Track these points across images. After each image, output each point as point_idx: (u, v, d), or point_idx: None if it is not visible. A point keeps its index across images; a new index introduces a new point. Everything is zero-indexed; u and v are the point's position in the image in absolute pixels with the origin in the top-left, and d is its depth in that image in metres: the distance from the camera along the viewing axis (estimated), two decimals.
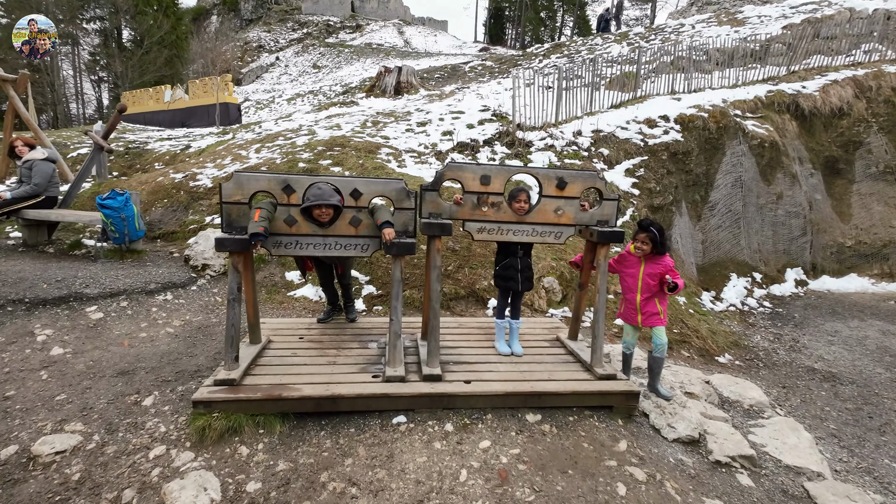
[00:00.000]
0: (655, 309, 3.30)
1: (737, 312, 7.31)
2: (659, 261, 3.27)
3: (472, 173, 3.25)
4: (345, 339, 3.80)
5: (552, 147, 8.71)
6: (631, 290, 3.36)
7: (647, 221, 3.27)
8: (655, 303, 3.30)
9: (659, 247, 3.24)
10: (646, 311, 3.31)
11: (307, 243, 3.16)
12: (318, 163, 7.55)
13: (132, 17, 37.07)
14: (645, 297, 3.30)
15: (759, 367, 5.22)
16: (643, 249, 3.27)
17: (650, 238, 3.23)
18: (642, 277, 3.28)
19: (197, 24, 50.32)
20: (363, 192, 3.15)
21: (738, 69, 12.29)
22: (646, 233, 3.23)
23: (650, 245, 3.24)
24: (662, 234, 3.25)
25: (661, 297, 3.32)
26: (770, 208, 9.42)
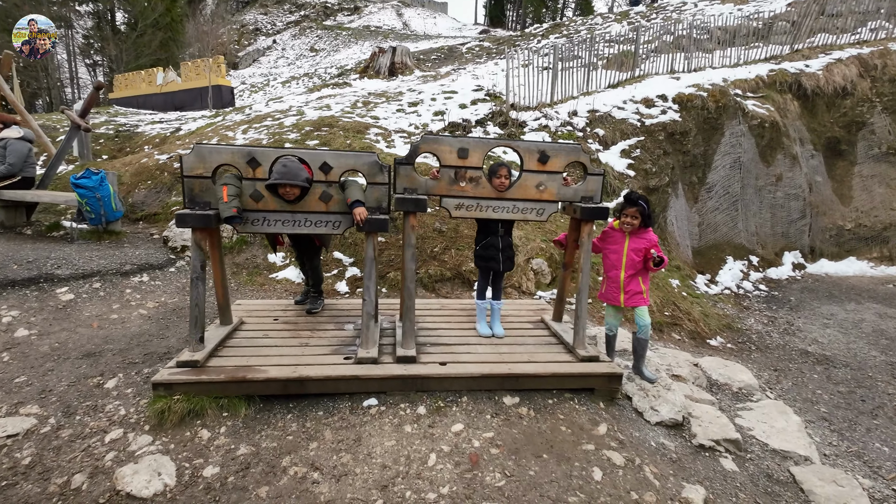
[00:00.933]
0: (639, 287, 3.16)
1: (732, 296, 7.19)
2: (643, 235, 3.13)
3: (448, 146, 3.08)
4: (321, 321, 3.68)
5: (546, 127, 8.49)
6: (614, 268, 3.22)
7: (635, 195, 3.11)
8: (639, 281, 3.16)
9: (647, 220, 3.10)
10: (629, 290, 3.17)
11: (275, 220, 3.02)
12: (304, 143, 7.35)
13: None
14: (629, 274, 3.16)
15: (751, 351, 5.11)
16: (632, 224, 3.12)
17: (639, 212, 3.08)
18: (627, 253, 3.15)
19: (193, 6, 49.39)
20: (333, 166, 2.99)
21: (741, 48, 11.97)
22: (634, 206, 3.08)
23: (639, 219, 3.09)
24: (650, 207, 3.12)
25: (645, 274, 3.19)
26: (769, 190, 9.23)
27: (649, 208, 3.09)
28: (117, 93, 24.07)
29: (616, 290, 3.22)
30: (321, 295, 3.94)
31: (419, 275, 5.05)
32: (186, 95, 21.12)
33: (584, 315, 3.25)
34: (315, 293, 3.88)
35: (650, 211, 3.11)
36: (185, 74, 20.93)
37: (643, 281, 3.17)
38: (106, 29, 35.67)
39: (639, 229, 3.13)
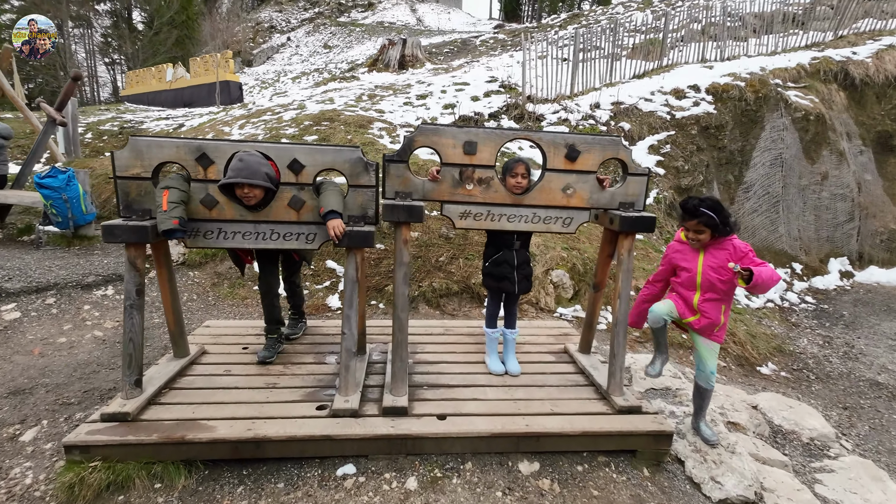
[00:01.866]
0: (717, 316, 2.37)
1: (776, 309, 6.39)
2: (723, 245, 2.33)
3: (452, 139, 2.43)
4: (299, 349, 3.06)
5: (566, 121, 7.77)
6: (687, 288, 2.44)
7: (694, 201, 2.31)
8: (720, 310, 2.38)
9: (721, 229, 2.29)
10: (707, 316, 2.38)
11: (233, 232, 2.40)
12: (302, 138, 6.77)
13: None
14: (707, 297, 2.37)
15: (810, 381, 4.35)
16: (698, 240, 2.36)
17: (705, 223, 2.28)
18: (702, 272, 2.36)
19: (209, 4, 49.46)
20: (305, 165, 2.37)
21: (778, 35, 11.02)
22: (695, 218, 2.29)
23: (707, 231, 2.31)
24: (721, 212, 2.28)
25: (728, 302, 2.41)
26: (813, 190, 8.35)
27: (721, 214, 2.28)
28: (128, 90, 23.97)
29: (690, 309, 2.44)
30: (302, 317, 3.32)
31: (421, 288, 4.42)
32: (195, 91, 20.81)
33: (623, 353, 2.58)
34: (295, 315, 3.25)
35: (724, 217, 2.28)
36: (194, 70, 20.63)
37: (725, 312, 2.40)
38: (123, 27, 35.90)
39: (715, 240, 2.37)
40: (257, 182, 2.26)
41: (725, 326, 2.43)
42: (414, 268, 4.56)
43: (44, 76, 32.67)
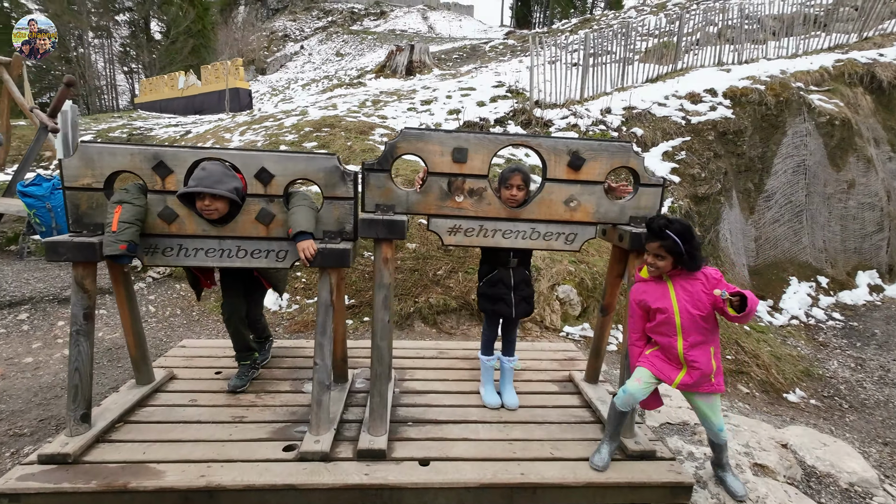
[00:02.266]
0: (709, 365, 1.98)
1: (801, 327, 5.97)
2: (694, 275, 1.99)
3: (439, 145, 2.16)
4: (276, 375, 2.80)
5: (575, 126, 7.47)
6: (666, 334, 2.02)
7: (662, 221, 1.94)
8: (710, 353, 1.99)
9: (685, 261, 1.93)
10: (694, 364, 1.97)
11: (195, 248, 2.16)
12: (302, 145, 6.58)
13: (159, 6, 37.20)
14: (693, 340, 1.96)
15: (843, 410, 3.96)
16: (658, 268, 1.99)
17: (668, 249, 1.93)
18: (679, 310, 1.97)
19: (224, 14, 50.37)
20: (275, 174, 2.11)
21: (799, 37, 10.59)
22: (658, 240, 1.94)
23: (669, 259, 1.95)
24: (691, 241, 1.91)
25: (716, 340, 2.03)
26: (839, 199, 7.89)
27: (689, 244, 1.91)
28: (142, 97, 24.29)
29: (672, 362, 2.03)
30: (267, 339, 3.03)
31: (417, 304, 4.14)
32: (206, 98, 20.95)
33: None
34: (259, 340, 2.96)
35: (693, 247, 1.92)
36: (205, 78, 20.79)
37: (716, 355, 2.01)
38: (141, 37, 36.68)
39: (678, 271, 2.00)
40: (219, 192, 2.02)
41: (721, 371, 2.04)
42: (410, 282, 4.29)
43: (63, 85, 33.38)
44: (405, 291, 4.23)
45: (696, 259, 1.94)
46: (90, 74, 33.49)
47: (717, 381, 2.02)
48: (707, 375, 1.99)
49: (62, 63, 32.16)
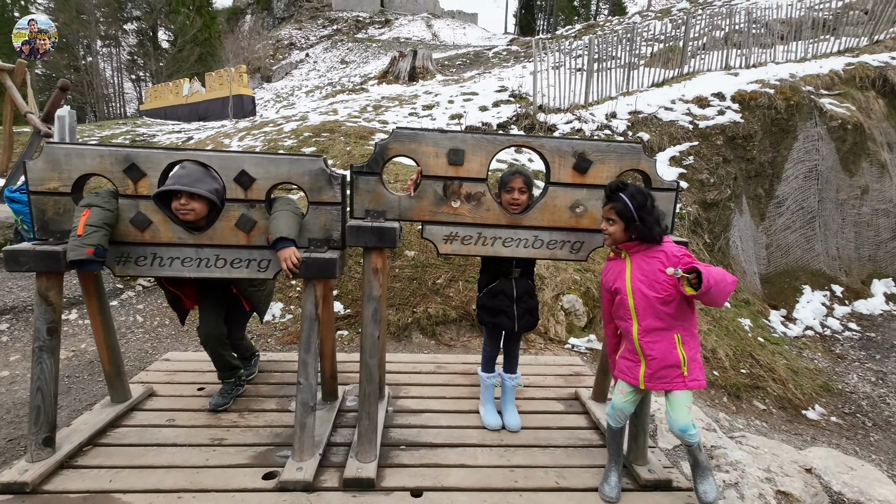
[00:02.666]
0: (672, 353, 1.74)
1: (817, 338, 5.74)
2: (653, 252, 1.77)
3: (433, 146, 2.00)
4: (262, 392, 2.63)
5: (580, 131, 7.31)
6: (623, 318, 1.84)
7: (616, 183, 1.79)
8: (674, 340, 1.75)
9: (637, 226, 1.73)
10: (652, 357, 1.76)
11: (171, 257, 2.00)
12: (300, 150, 6.46)
13: (166, 15, 37.65)
14: (647, 325, 1.75)
15: (866, 429, 3.73)
16: (609, 234, 1.81)
17: (618, 212, 1.76)
18: (632, 289, 1.78)
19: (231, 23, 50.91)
20: (256, 177, 1.96)
21: (807, 41, 10.42)
22: (609, 202, 1.78)
23: (619, 224, 1.76)
24: (643, 206, 1.73)
25: (685, 327, 1.78)
26: (852, 205, 7.66)
27: (642, 209, 1.73)
28: (147, 104, 24.42)
29: (633, 357, 1.83)
30: (254, 355, 2.85)
31: (416, 314, 3.96)
32: (210, 105, 21.01)
33: (647, 411, 2.07)
34: (244, 358, 2.78)
35: (647, 212, 1.73)
36: (209, 85, 20.86)
37: (683, 340, 1.77)
38: (148, 45, 37.10)
39: (637, 245, 1.80)
40: (197, 191, 1.87)
41: (697, 364, 1.78)
42: (408, 291, 4.11)
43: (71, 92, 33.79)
44: (403, 301, 4.06)
45: (651, 227, 1.73)
46: (98, 82, 33.86)
47: (692, 375, 1.76)
48: (672, 367, 1.75)
49: (71, 71, 32.52)
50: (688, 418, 1.77)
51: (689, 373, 1.76)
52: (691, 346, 1.79)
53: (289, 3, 59.57)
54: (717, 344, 4.15)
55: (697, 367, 1.79)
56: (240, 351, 2.67)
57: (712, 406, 3.51)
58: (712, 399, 3.63)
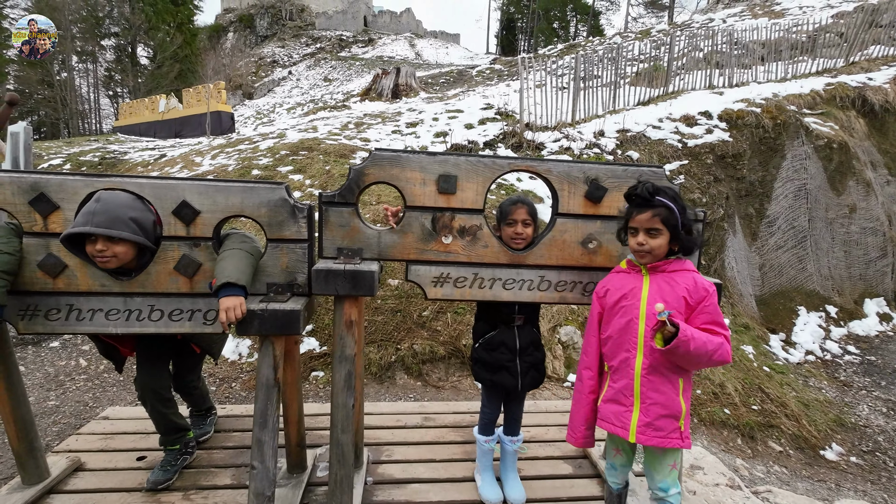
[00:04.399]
0: (676, 403, 1.46)
1: (819, 364, 5.53)
2: (680, 272, 1.50)
3: (420, 171, 1.66)
4: (216, 459, 2.20)
5: (568, 150, 7.11)
6: (623, 347, 1.51)
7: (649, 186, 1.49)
8: (677, 385, 1.47)
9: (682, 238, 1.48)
10: (653, 402, 1.46)
11: (91, 309, 1.60)
12: (275, 169, 6.07)
13: (145, 32, 37.13)
14: (655, 361, 1.45)
15: (889, 470, 3.45)
16: (650, 249, 1.48)
17: (664, 220, 1.46)
18: (647, 310, 1.47)
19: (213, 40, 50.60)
20: (201, 210, 1.59)
21: (786, 62, 10.59)
22: (650, 209, 1.47)
23: (665, 235, 1.47)
24: (684, 210, 1.50)
25: (688, 371, 1.49)
26: (841, 224, 7.60)
27: (683, 212, 1.49)
28: (122, 121, 23.73)
29: (625, 399, 1.51)
30: (210, 411, 2.44)
31: (399, 352, 3.58)
32: (187, 122, 20.47)
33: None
34: (199, 412, 2.37)
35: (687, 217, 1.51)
36: (187, 101, 20.36)
37: (684, 389, 1.48)
38: (126, 62, 36.47)
39: (671, 261, 1.51)
40: (118, 234, 1.48)
41: (689, 419, 1.52)
42: (391, 325, 3.73)
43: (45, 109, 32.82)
44: (385, 336, 3.67)
45: (693, 236, 1.54)
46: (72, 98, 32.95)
47: (687, 431, 1.50)
48: (670, 418, 1.46)
49: (45, 87, 31.60)
50: (672, 476, 1.54)
51: (685, 428, 1.50)
52: (689, 398, 1.52)
53: (272, 22, 59.69)
54: (724, 378, 3.86)
55: (688, 423, 1.53)
56: (194, 401, 2.26)
57: (728, 451, 3.20)
58: (726, 442, 3.31)
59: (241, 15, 55.55)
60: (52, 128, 34.59)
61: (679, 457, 1.56)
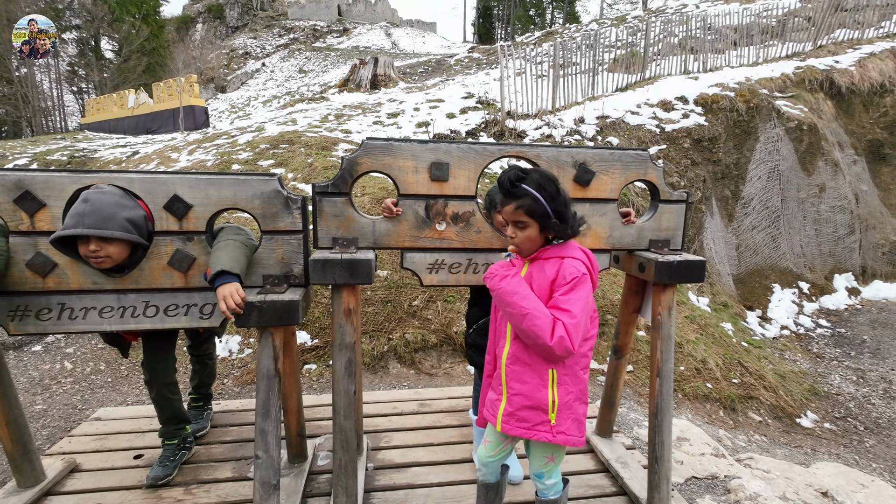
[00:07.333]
0: (541, 394, 1.38)
1: (793, 338, 5.77)
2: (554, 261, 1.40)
3: (412, 159, 1.68)
4: (215, 454, 2.21)
5: (550, 136, 7.17)
6: (499, 334, 1.53)
7: (515, 173, 1.37)
8: (546, 377, 1.38)
9: (555, 224, 1.37)
10: (515, 392, 1.42)
11: (84, 308, 1.58)
12: (256, 164, 5.98)
13: (109, 24, 35.65)
14: (517, 351, 1.42)
15: (860, 434, 3.66)
16: (520, 243, 1.42)
17: (527, 209, 1.36)
18: None
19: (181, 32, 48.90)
20: (193, 204, 1.58)
21: (757, 47, 10.83)
22: (514, 200, 1.37)
23: (534, 226, 1.38)
24: (556, 195, 1.37)
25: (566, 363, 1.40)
26: (812, 203, 7.89)
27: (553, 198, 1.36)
28: (89, 117, 22.90)
29: (497, 387, 1.49)
30: (208, 401, 2.45)
31: (392, 341, 3.61)
32: (159, 117, 19.87)
33: (669, 454, 1.81)
34: (199, 401, 2.38)
35: (559, 202, 1.37)
36: (158, 96, 19.73)
37: (559, 380, 1.39)
38: (90, 56, 35.04)
39: (550, 248, 1.43)
40: (111, 234, 1.46)
41: (572, 415, 1.41)
42: (382, 316, 3.75)
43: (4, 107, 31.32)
44: (377, 327, 3.69)
45: (568, 221, 1.38)
46: (34, 95, 31.54)
47: (561, 426, 1.39)
48: (535, 410, 1.39)
49: (3, 84, 30.15)
50: (549, 468, 1.50)
51: (558, 422, 1.39)
52: (569, 391, 1.40)
53: (242, 12, 57.96)
54: (706, 353, 4.01)
55: (572, 418, 1.41)
56: (207, 373, 2.31)
57: (711, 423, 3.34)
58: (709, 415, 3.46)
59: (210, 5, 53.74)
60: (14, 126, 33.16)
61: (557, 453, 1.49)
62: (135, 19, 36.69)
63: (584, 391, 1.45)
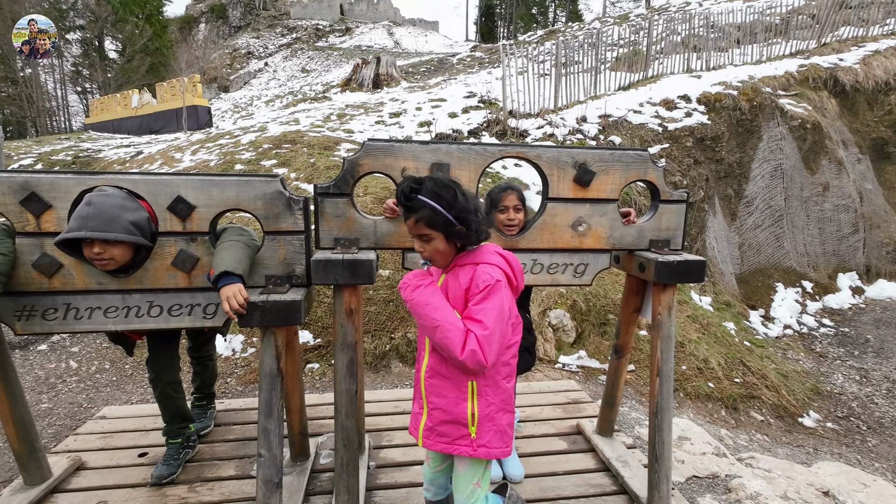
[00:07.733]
0: (460, 408, 1.33)
1: (796, 337, 5.76)
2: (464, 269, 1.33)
3: (413, 160, 1.69)
4: (219, 452, 2.23)
5: (552, 136, 7.17)
6: (420, 348, 1.45)
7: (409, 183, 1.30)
8: (465, 390, 1.33)
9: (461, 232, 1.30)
10: (434, 406, 1.36)
11: (89, 308, 1.60)
12: (259, 164, 6.00)
13: (112, 24, 35.80)
14: (435, 363, 1.36)
15: (863, 433, 3.65)
16: (431, 256, 1.35)
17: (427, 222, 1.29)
18: None
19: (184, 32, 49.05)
20: (196, 205, 1.60)
21: (761, 45, 10.78)
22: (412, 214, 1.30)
23: (439, 236, 1.31)
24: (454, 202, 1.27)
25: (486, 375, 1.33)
26: (815, 202, 7.86)
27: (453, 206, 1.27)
28: (93, 117, 23.02)
29: (419, 401, 1.43)
30: (212, 400, 2.48)
31: (393, 340, 3.62)
32: (162, 117, 19.95)
33: (669, 453, 1.82)
34: (202, 400, 2.41)
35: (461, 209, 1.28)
36: (161, 96, 19.81)
37: (479, 392, 1.33)
38: (94, 56, 35.22)
39: (461, 254, 1.37)
40: (115, 236, 1.48)
41: (495, 427, 1.35)
42: (384, 315, 3.77)
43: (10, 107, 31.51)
44: (379, 326, 3.71)
45: (478, 227, 1.30)
46: (39, 95, 31.73)
47: (482, 439, 1.32)
48: (454, 424, 1.33)
49: (8, 84, 30.33)
50: (475, 496, 1.38)
51: (479, 436, 1.32)
52: (490, 402, 1.33)
53: (245, 12, 58.08)
54: (708, 353, 4.01)
55: (493, 430, 1.34)
56: (208, 375, 2.34)
57: (713, 422, 3.34)
58: (711, 414, 3.46)
59: (213, 5, 53.87)
60: (19, 126, 33.39)
61: (482, 474, 1.40)
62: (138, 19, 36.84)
63: (508, 400, 1.38)
